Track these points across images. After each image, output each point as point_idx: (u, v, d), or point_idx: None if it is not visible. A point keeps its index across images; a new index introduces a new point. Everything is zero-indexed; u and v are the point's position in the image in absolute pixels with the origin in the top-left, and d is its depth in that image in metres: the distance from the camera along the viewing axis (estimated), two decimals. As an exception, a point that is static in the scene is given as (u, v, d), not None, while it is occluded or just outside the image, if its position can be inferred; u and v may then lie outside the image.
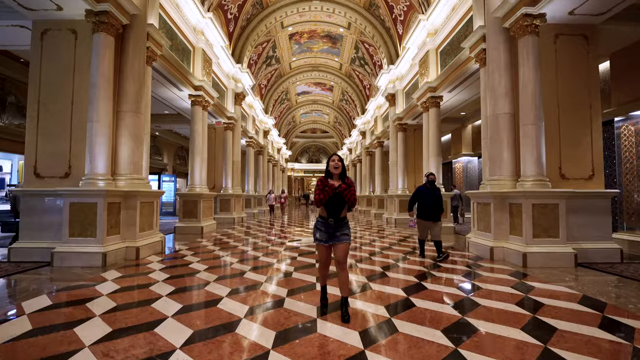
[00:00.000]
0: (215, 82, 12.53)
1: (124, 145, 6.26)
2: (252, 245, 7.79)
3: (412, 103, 12.17)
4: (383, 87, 15.52)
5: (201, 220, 10.10)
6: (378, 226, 12.82)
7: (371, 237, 9.51)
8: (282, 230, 11.08)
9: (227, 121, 13.71)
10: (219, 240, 8.66)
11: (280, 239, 8.99)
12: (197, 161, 10.44)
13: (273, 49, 19.05)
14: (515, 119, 6.45)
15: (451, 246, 7.66)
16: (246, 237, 9.38)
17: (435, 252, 6.66)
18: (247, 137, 17.82)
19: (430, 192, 6.18)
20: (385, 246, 7.62)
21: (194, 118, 10.44)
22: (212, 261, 5.92)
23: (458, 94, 10.71)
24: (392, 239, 8.80)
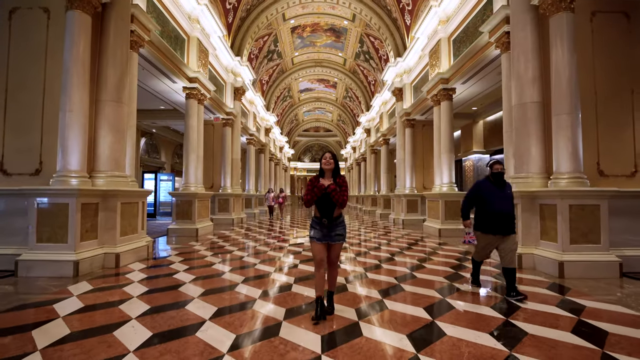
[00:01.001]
0: (212, 76, 11.82)
1: (103, 139, 5.56)
2: (248, 250, 7.06)
3: (422, 97, 11.40)
4: (390, 81, 14.74)
5: (196, 222, 9.37)
6: (385, 227, 12.07)
7: (388, 248, 8.45)
8: (281, 233, 10.34)
9: (226, 117, 12.98)
10: (214, 244, 7.93)
11: (279, 242, 8.30)
12: (192, 159, 9.72)
13: (275, 43, 18.33)
14: (545, 108, 5.69)
15: (466, 251, 6.92)
16: (244, 240, 8.66)
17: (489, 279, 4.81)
18: (248, 134, 17.11)
19: (496, 190, 4.11)
20: (416, 264, 5.73)
21: (188, 112, 9.73)
22: (201, 270, 5.21)
23: (472, 86, 9.93)
24: (419, 252, 6.86)
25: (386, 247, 7.57)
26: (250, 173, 17.72)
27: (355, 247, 7.66)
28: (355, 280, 4.64)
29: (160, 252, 6.90)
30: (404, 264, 5.80)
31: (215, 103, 11.82)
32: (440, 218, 9.51)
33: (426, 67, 11.46)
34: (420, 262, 5.91)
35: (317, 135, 43.21)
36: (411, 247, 7.47)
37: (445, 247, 7.42)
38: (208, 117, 12.72)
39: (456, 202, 9.44)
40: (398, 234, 9.98)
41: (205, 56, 10.49)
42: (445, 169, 9.72)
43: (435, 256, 6.46)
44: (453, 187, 9.66)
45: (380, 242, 8.41)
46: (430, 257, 6.40)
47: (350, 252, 6.87)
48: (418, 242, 8.18)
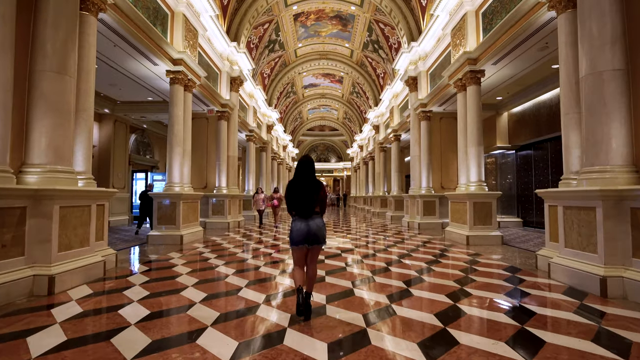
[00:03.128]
0: (204, 62, 10.46)
1: (39, 122, 4.18)
2: (238, 265, 5.65)
3: (442, 83, 9.96)
4: (402, 70, 13.29)
5: (181, 228, 7.98)
6: (398, 232, 10.43)
7: (411, 261, 6.80)
8: (281, 240, 8.95)
9: (221, 109, 11.58)
10: (198, 255, 6.56)
11: (278, 253, 6.91)
12: (176, 153, 8.32)
13: (276, 32, 16.95)
14: (631, 78, 4.22)
15: (511, 266, 5.44)
16: (235, 249, 7.27)
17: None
18: (247, 130, 15.74)
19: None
20: (457, 288, 4.18)
21: (172, 100, 8.35)
22: (165, 298, 3.79)
23: (504, 68, 8.47)
24: (453, 269, 5.57)
25: (408, 260, 6.07)
26: (250, 172, 16.34)
27: (365, 258, 6.27)
28: (377, 320, 3.19)
29: (128, 267, 5.50)
30: (439, 288, 4.28)
31: (208, 92, 10.45)
32: (467, 223, 7.98)
33: (447, 49, 9.99)
34: (460, 284, 4.41)
35: (323, 135, 41.88)
36: (439, 261, 5.97)
37: (486, 262, 5.83)
38: (201, 110, 11.39)
39: (487, 204, 7.98)
40: (416, 241, 8.51)
41: (193, 37, 9.12)
42: (474, 165, 8.22)
43: (479, 275, 4.91)
44: (483, 187, 8.17)
45: (396, 252, 6.95)
46: (473, 277, 4.83)
47: (355, 266, 5.52)
48: (445, 254, 6.68)
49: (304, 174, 3.29)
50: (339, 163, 42.74)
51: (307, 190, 3.23)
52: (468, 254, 6.51)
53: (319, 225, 3.21)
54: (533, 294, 3.97)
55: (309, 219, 3.20)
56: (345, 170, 42.06)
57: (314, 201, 3.22)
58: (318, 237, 3.18)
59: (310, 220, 3.20)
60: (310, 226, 3.17)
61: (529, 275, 4.93)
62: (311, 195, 3.22)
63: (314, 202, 3.23)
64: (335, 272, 5.03)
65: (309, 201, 3.21)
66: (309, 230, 3.16)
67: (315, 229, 3.17)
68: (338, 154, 43.05)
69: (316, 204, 3.26)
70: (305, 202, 3.22)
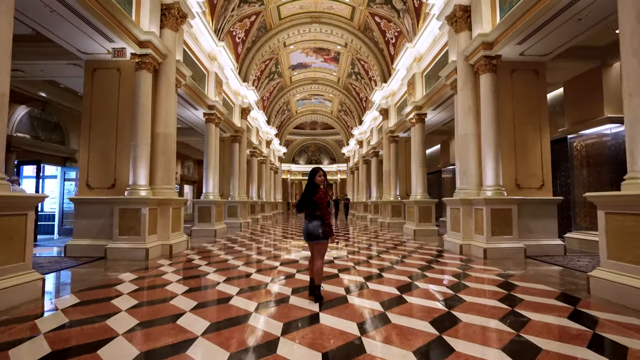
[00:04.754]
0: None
1: None
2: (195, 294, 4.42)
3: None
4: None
5: (146, 240, 6.90)
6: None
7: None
8: (272, 248, 9.75)
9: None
10: (158, 277, 5.19)
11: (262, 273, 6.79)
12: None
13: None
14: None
15: (562, 293, 4.14)
16: (206, 268, 5.85)
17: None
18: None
19: None
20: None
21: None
22: None
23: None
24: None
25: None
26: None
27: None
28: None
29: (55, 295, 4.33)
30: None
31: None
32: (485, 234, 6.96)
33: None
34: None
35: (314, 134, 39.17)
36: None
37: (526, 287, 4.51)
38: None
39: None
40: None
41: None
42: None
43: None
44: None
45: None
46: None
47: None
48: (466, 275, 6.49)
49: (308, 183, 4.10)
50: (332, 165, 40.35)
51: (306, 196, 4.04)
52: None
53: (315, 225, 3.92)
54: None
55: (310, 220, 3.98)
56: (340, 172, 39.97)
57: (311, 205, 3.97)
58: (314, 234, 3.91)
59: (310, 221, 3.98)
60: (309, 226, 3.97)
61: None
62: (307, 201, 4.01)
63: (311, 206, 3.97)
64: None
65: (307, 205, 4.03)
66: (307, 229, 3.99)
67: (311, 229, 3.94)
68: (331, 155, 40.86)
69: (314, 207, 3.95)
70: (304, 206, 4.07)
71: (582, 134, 8.71)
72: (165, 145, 7.84)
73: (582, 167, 8.71)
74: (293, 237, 11.61)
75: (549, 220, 7.41)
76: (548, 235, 7.38)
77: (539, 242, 7.27)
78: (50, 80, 10.37)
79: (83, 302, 3.98)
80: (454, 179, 16.16)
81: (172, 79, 8.05)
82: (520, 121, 7.64)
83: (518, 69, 7.70)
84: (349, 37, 16.97)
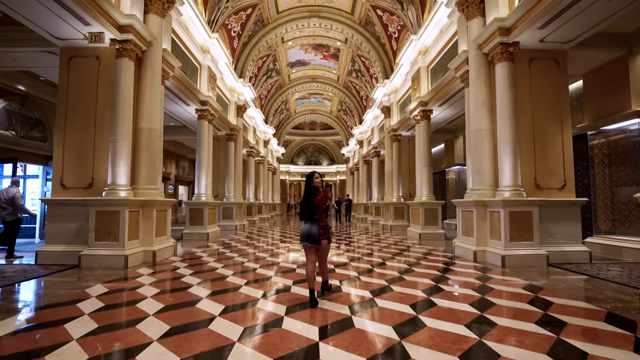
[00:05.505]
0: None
1: None
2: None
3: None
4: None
5: (126, 246, 6.20)
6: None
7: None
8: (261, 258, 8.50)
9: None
10: (131, 292, 4.37)
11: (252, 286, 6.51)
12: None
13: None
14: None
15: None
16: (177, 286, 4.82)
17: None
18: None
19: None
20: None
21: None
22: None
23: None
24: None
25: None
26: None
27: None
28: None
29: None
30: None
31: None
32: (502, 238, 6.28)
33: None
34: None
35: (313, 135, 38.39)
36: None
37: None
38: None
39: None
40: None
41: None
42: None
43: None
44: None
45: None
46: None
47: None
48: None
49: (305, 186, 4.17)
50: (332, 166, 39.66)
51: (306, 200, 4.09)
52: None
53: (315, 229, 3.92)
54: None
55: (310, 224, 3.99)
56: (339, 174, 39.17)
57: (311, 208, 4.01)
58: (316, 239, 3.90)
59: (310, 224, 3.99)
60: (310, 229, 3.95)
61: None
62: (306, 204, 4.06)
63: (311, 209, 4.00)
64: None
65: (307, 209, 4.05)
66: (308, 233, 3.95)
67: (312, 232, 3.92)
68: (330, 156, 40.00)
69: (314, 210, 3.98)
70: (305, 209, 4.09)
71: (604, 129, 8.00)
72: (150, 142, 7.10)
73: (603, 166, 8.03)
74: (290, 241, 10.90)
75: (572, 224, 6.71)
76: (571, 241, 6.67)
77: (561, 248, 6.56)
78: (28, 71, 9.60)
79: (29, 327, 3.26)
80: (459, 179, 15.59)
81: (158, 69, 7.34)
82: (540, 115, 6.93)
83: (537, 57, 6.99)
84: (349, 32, 16.30)
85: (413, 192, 14.88)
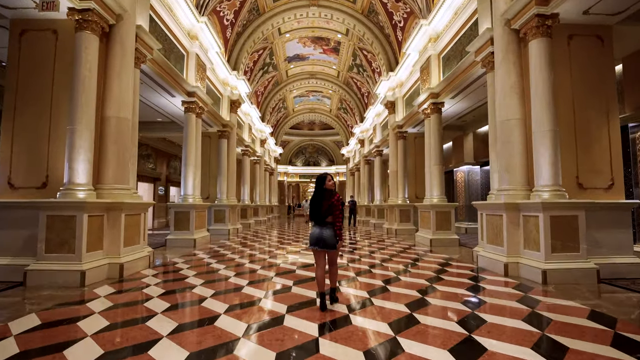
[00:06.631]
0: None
1: None
2: None
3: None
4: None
5: (83, 259, 5.07)
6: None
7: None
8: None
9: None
10: (70, 327, 3.48)
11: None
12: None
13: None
14: None
15: None
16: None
17: None
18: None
19: None
20: None
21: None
22: None
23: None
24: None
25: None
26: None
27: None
28: None
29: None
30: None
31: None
32: (543, 250, 5.18)
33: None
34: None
35: (312, 135, 37.05)
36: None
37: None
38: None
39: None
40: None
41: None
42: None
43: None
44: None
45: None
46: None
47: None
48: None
49: (316, 189, 4.02)
50: (331, 167, 38.10)
51: (318, 203, 3.92)
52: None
53: (329, 234, 3.81)
54: None
55: (322, 227, 3.87)
56: (338, 175, 37.32)
57: (326, 211, 3.86)
58: (327, 243, 3.80)
59: (323, 228, 3.86)
60: (321, 233, 3.83)
61: None
62: (320, 207, 3.88)
63: (326, 213, 3.86)
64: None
65: (319, 212, 3.89)
66: (319, 237, 3.82)
67: (326, 236, 3.81)
68: (330, 156, 38.77)
69: (328, 213, 3.86)
70: (316, 213, 3.91)
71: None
72: (119, 133, 5.96)
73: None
74: (286, 248, 9.79)
75: (622, 231, 5.62)
76: (621, 251, 5.58)
77: (609, 260, 5.46)
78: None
79: None
80: (468, 180, 14.48)
81: (130, 48, 6.21)
82: (581, 103, 5.84)
83: (577, 34, 5.91)
84: (351, 22, 15.18)
85: (420, 194, 13.90)
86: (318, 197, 3.94)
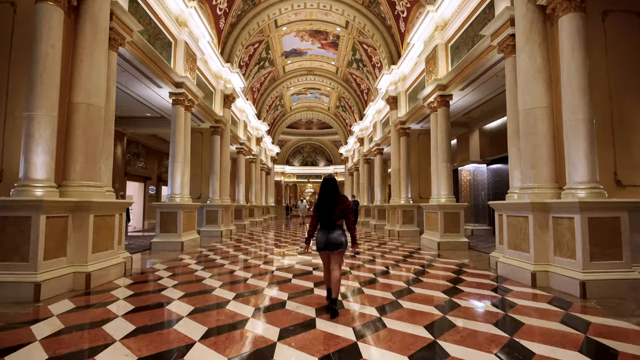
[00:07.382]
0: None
1: None
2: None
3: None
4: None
5: (38, 268, 4.27)
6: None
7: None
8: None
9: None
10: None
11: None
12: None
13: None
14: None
15: None
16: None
17: None
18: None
19: None
20: None
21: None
22: None
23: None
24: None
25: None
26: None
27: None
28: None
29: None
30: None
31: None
32: (580, 257, 4.42)
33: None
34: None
35: (310, 134, 36.45)
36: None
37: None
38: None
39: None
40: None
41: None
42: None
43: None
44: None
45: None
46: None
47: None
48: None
49: (326, 192, 3.86)
50: (329, 167, 37.54)
51: (328, 206, 3.80)
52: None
53: (337, 235, 3.74)
54: None
55: (331, 230, 3.77)
56: (336, 175, 35.44)
57: (335, 216, 3.77)
58: (337, 244, 3.72)
59: (331, 231, 3.77)
60: (330, 236, 3.75)
61: None
62: (331, 212, 3.78)
63: (335, 217, 3.77)
64: None
65: (330, 217, 3.78)
66: (327, 240, 3.74)
67: (333, 238, 3.73)
68: (327, 156, 38.29)
69: (337, 217, 3.78)
70: (327, 217, 3.80)
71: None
72: (88, 122, 5.16)
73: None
74: (283, 252, 9.02)
75: (666, 236, 4.91)
76: (666, 259, 4.87)
77: (654, 269, 4.74)
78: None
79: None
80: (474, 179, 13.77)
81: (103, 26, 5.42)
82: (618, 88, 5.21)
83: (613, 9, 5.24)
84: (350, 14, 14.42)
85: (424, 193, 13.18)
86: (328, 201, 3.81)
